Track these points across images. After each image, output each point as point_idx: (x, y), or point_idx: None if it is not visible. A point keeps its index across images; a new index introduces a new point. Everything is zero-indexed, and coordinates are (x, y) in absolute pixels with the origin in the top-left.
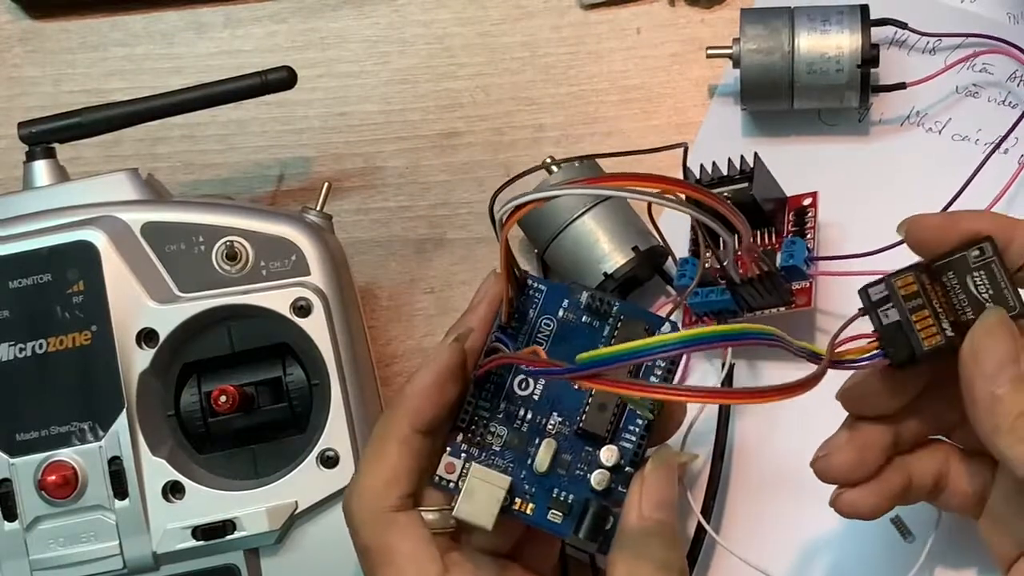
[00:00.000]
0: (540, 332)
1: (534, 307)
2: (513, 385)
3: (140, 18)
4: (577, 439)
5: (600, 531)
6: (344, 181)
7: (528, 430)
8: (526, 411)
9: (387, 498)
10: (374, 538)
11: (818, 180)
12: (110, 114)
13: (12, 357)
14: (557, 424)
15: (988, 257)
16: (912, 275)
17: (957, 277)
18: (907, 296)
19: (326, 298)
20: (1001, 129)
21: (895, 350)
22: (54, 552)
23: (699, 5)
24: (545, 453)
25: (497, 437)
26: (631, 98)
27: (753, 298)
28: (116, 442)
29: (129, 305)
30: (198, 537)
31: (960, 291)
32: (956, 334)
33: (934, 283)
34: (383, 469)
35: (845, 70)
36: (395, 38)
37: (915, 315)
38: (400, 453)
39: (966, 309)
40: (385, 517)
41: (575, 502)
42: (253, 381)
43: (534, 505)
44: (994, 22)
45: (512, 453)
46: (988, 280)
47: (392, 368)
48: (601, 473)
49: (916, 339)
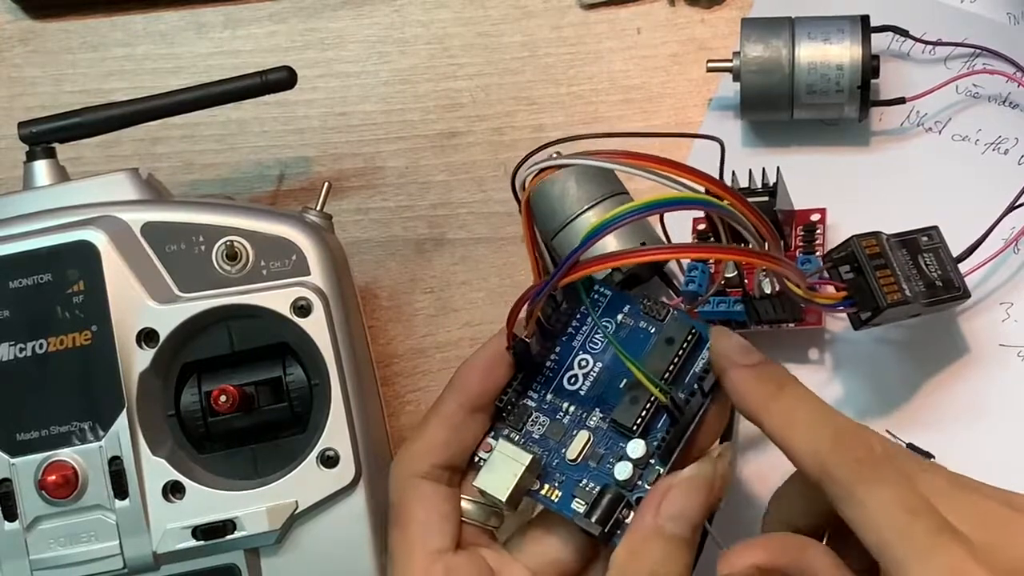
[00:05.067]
0: (597, 334)
1: (597, 310)
2: (563, 380)
3: (140, 18)
4: (612, 433)
5: (610, 517)
6: (344, 181)
7: (569, 422)
8: (571, 405)
9: (419, 464)
10: (397, 499)
11: (818, 185)
12: (110, 114)
13: (12, 357)
14: (597, 420)
15: (936, 243)
16: (875, 238)
17: (910, 254)
18: (871, 256)
19: (326, 298)
20: (1001, 129)
21: (861, 300)
22: (54, 552)
23: (699, 5)
24: (578, 443)
25: (539, 426)
26: (631, 98)
27: (767, 312)
28: (116, 442)
29: (129, 305)
30: (198, 537)
31: (912, 266)
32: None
33: (893, 251)
34: (422, 439)
35: (845, 90)
36: (395, 38)
37: (879, 272)
38: (439, 425)
39: (918, 281)
40: (412, 481)
41: (597, 491)
42: (253, 381)
43: (560, 493)
44: (994, 22)
45: (550, 441)
46: (936, 261)
47: (392, 368)
48: (625, 464)
49: (880, 293)
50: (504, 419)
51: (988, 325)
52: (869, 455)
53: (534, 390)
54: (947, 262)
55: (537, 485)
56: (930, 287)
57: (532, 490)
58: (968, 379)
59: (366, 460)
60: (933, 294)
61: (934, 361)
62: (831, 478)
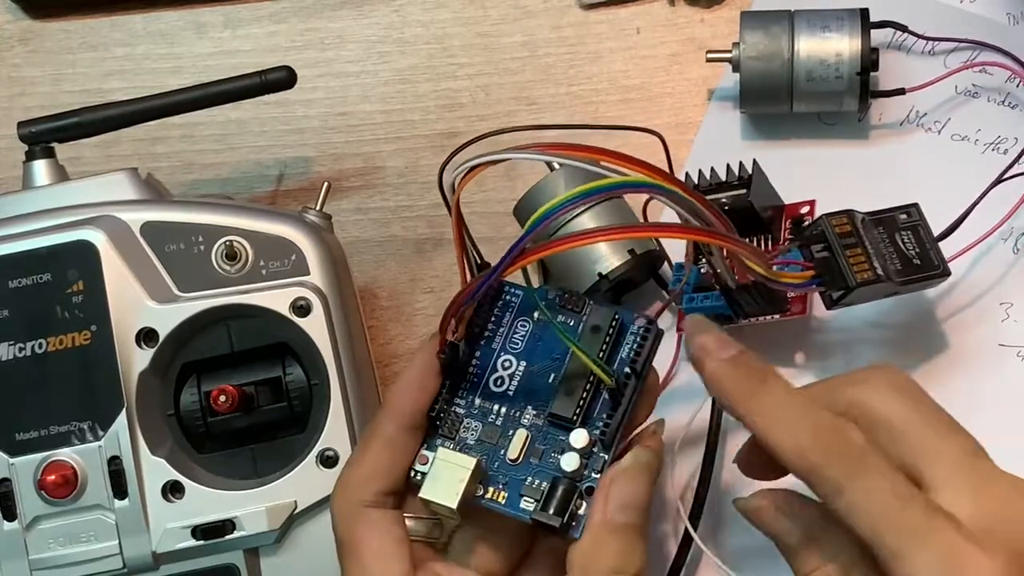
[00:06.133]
0: (516, 333)
1: (511, 310)
2: (489, 383)
3: (140, 18)
4: (550, 427)
5: (567, 507)
6: (344, 181)
7: (502, 423)
8: (500, 406)
9: (364, 493)
10: (346, 532)
11: (817, 181)
12: (110, 114)
13: (12, 357)
14: (531, 417)
15: (915, 220)
16: (846, 217)
17: (887, 232)
18: (841, 235)
19: (326, 298)
20: (1000, 129)
21: (831, 279)
22: (53, 552)
23: (699, 5)
24: (517, 441)
25: (471, 432)
26: (631, 98)
27: (748, 304)
28: (116, 442)
29: (129, 305)
30: (197, 537)
31: (889, 243)
32: (884, 273)
33: (866, 230)
34: (363, 465)
35: (845, 77)
36: (395, 38)
37: (848, 251)
38: (380, 450)
39: (894, 259)
40: (358, 512)
41: (547, 487)
42: (253, 381)
43: (507, 494)
44: (994, 22)
45: (486, 446)
46: (915, 239)
47: (392, 368)
48: (571, 456)
49: (849, 272)
50: (437, 429)
51: (987, 325)
52: (852, 448)
53: (460, 397)
54: (926, 240)
55: (481, 490)
56: (906, 265)
57: (477, 495)
58: (967, 379)
59: None
60: (909, 272)
61: (933, 360)
62: (818, 475)
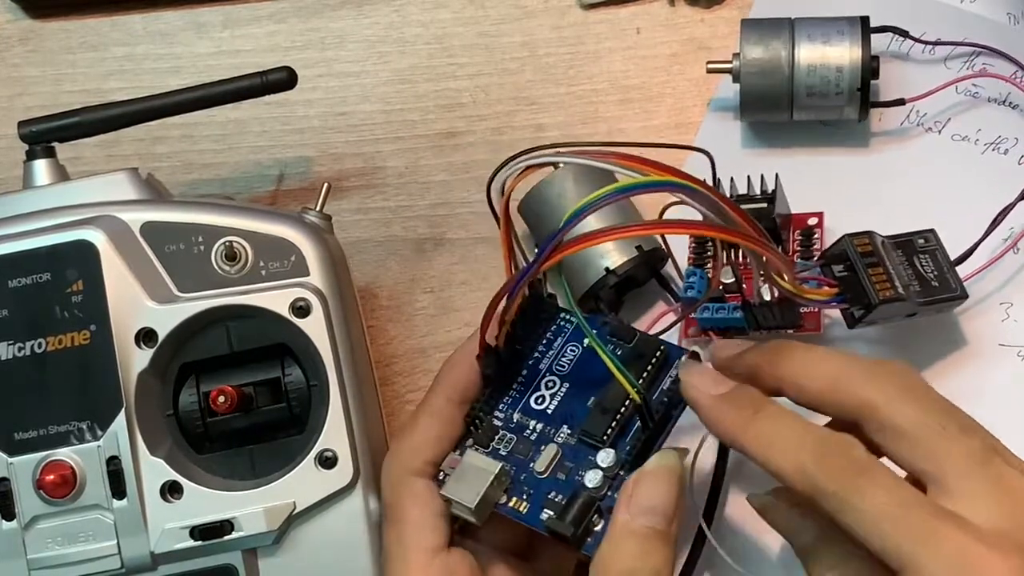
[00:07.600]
0: (564, 356)
1: (563, 335)
2: (530, 400)
3: (140, 18)
4: (580, 446)
5: (582, 519)
6: (344, 181)
7: (536, 439)
8: (537, 423)
9: (412, 461)
10: (392, 497)
11: (818, 186)
12: (110, 114)
13: (11, 356)
14: (565, 436)
15: (932, 245)
16: (867, 237)
17: (905, 255)
18: (864, 254)
19: (325, 299)
20: (1001, 129)
21: (854, 297)
22: (52, 551)
23: (699, 5)
24: (547, 455)
25: (505, 444)
26: (631, 98)
27: (765, 318)
28: (114, 442)
29: (128, 305)
30: (196, 537)
31: (908, 266)
32: (905, 292)
33: (886, 251)
34: (413, 435)
35: (845, 92)
36: (395, 38)
37: (871, 270)
38: (430, 421)
39: (913, 280)
40: (405, 479)
41: (568, 498)
42: (252, 381)
43: (529, 505)
44: (994, 23)
45: (517, 457)
46: (933, 264)
47: (392, 368)
48: (595, 472)
49: (872, 290)
50: (472, 434)
51: (988, 325)
52: (854, 464)
53: (500, 409)
54: (944, 264)
55: (504, 498)
56: (925, 286)
57: (499, 503)
58: (968, 379)
59: (364, 461)
60: (929, 293)
61: (933, 361)
62: (822, 492)
